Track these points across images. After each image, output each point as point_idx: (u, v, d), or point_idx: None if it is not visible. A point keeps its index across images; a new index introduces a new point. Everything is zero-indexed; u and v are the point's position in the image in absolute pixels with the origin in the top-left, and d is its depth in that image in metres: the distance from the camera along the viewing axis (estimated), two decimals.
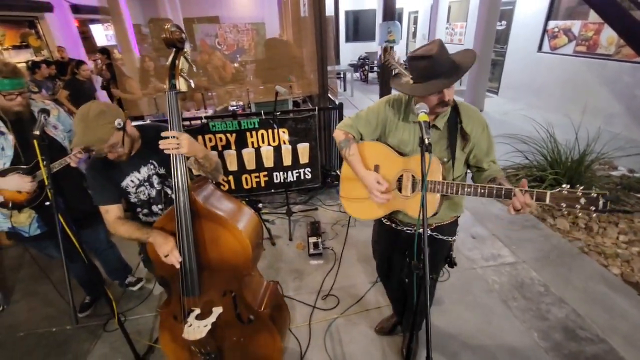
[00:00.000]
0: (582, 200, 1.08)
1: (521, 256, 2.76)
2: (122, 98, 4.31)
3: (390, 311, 2.21)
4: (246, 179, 3.63)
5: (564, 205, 1.11)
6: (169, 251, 1.33)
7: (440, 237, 1.58)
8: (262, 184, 3.68)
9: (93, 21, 8.78)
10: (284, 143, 3.53)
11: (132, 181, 1.53)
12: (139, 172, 1.53)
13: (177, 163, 1.26)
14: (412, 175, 1.41)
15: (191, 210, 1.31)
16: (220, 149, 3.45)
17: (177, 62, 1.25)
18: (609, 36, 5.28)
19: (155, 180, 1.57)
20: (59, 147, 1.85)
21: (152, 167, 1.55)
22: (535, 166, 3.66)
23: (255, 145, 3.51)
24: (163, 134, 1.23)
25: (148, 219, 1.63)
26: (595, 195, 1.07)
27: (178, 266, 1.36)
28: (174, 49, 1.25)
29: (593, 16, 5.55)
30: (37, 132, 1.45)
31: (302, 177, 3.75)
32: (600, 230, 3.01)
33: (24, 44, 6.79)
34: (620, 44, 5.09)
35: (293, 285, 2.58)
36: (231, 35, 13.29)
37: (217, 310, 1.48)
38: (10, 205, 1.78)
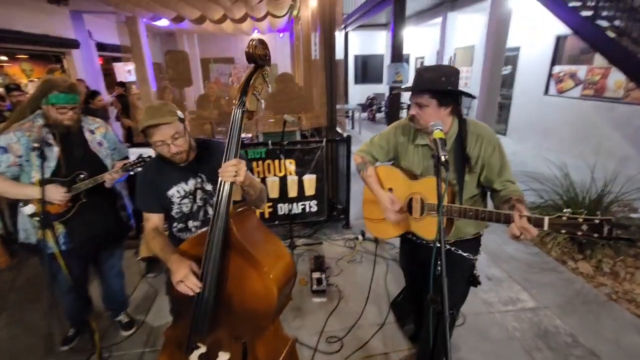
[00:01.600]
0: (584, 227, 1.02)
1: (542, 301, 2.53)
2: (132, 127, 4.39)
3: (397, 358, 1.99)
4: None
5: (563, 231, 1.05)
6: (182, 277, 1.22)
7: (460, 252, 1.51)
8: (266, 215, 3.58)
9: (116, 59, 9.29)
10: (290, 174, 3.48)
11: (178, 191, 1.48)
12: (186, 183, 1.48)
13: (224, 185, 1.18)
14: (421, 198, 1.46)
15: (224, 239, 1.21)
16: None
17: (252, 78, 1.19)
18: (616, 80, 5.33)
19: (199, 195, 1.52)
20: (100, 163, 1.89)
21: (199, 180, 1.50)
22: (551, 205, 3.50)
23: (261, 175, 3.45)
24: (223, 165, 1.16)
25: (181, 234, 1.56)
26: (598, 221, 0.99)
27: (192, 293, 1.23)
28: (254, 65, 1.21)
29: (598, 61, 5.66)
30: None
31: (308, 210, 3.64)
32: (627, 275, 2.78)
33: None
34: (629, 88, 5.11)
35: (294, 324, 2.38)
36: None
37: (224, 357, 1.32)
38: (40, 215, 1.71)
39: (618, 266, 2.88)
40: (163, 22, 8.11)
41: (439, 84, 1.29)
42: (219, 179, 1.17)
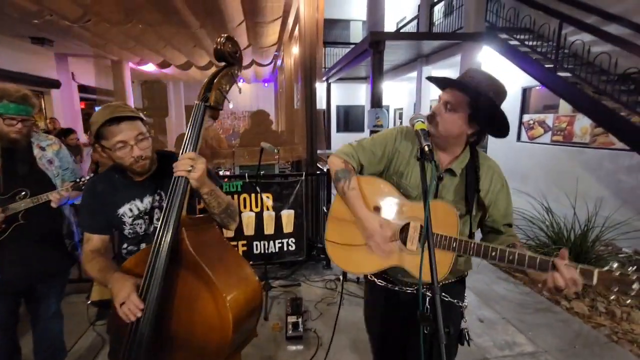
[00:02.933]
0: (636, 286, 0.84)
1: (541, 345, 2.30)
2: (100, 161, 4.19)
3: None
4: None
5: (615, 289, 0.87)
6: (125, 298, 0.99)
7: (449, 299, 1.23)
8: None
9: (97, 101, 9.28)
10: (267, 209, 3.29)
11: (130, 210, 1.26)
12: (141, 201, 1.27)
13: (176, 186, 1.02)
14: (421, 225, 1.11)
15: (174, 250, 1.01)
16: (197, 213, 3.17)
17: (219, 75, 1.10)
18: (582, 126, 5.64)
19: (156, 214, 1.29)
20: (47, 182, 1.67)
21: (157, 198, 1.29)
22: (537, 244, 3.41)
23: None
24: (179, 157, 1.03)
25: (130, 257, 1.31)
26: None
27: (133, 318, 0.99)
28: (223, 63, 1.13)
29: (563, 109, 6.03)
30: None
31: (285, 249, 3.39)
32: (624, 315, 2.61)
33: None
34: (595, 133, 5.39)
35: None
36: (228, 120, 14.16)
37: None
38: None
39: (613, 305, 2.72)
40: (149, 67, 8.32)
41: (486, 92, 1.03)
42: (173, 176, 1.02)
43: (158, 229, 1.01)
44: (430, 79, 1.16)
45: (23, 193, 1.58)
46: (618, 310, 2.66)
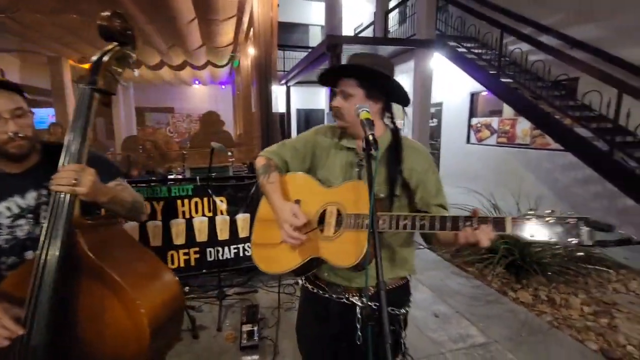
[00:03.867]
0: (558, 229, 0.80)
1: (492, 335, 2.38)
2: None
3: None
4: (172, 256, 3.04)
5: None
6: None
7: (391, 310, 1.14)
8: (192, 263, 3.10)
9: (35, 103, 8.43)
10: (222, 213, 3.13)
11: (8, 208, 1.04)
12: (22, 196, 1.05)
13: (57, 206, 0.87)
14: (337, 209, 1.09)
15: (71, 258, 0.86)
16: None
17: (108, 54, 0.96)
18: (523, 129, 6.10)
19: (43, 212, 1.08)
20: None
21: (44, 192, 1.08)
22: None
23: (187, 216, 3.05)
24: (59, 169, 0.87)
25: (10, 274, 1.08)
26: (573, 222, 0.79)
27: (4, 343, 0.83)
28: (112, 42, 0.99)
29: (507, 113, 6.48)
30: None
31: (241, 254, 3.24)
32: (562, 302, 2.80)
33: None
34: (534, 135, 5.85)
35: None
36: (184, 124, 13.57)
37: None
38: None
39: (553, 293, 2.91)
40: None
41: (369, 68, 1.06)
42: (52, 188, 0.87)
43: (42, 237, 0.87)
44: (321, 80, 1.19)
45: None
46: (557, 297, 2.85)
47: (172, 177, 3.22)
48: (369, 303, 1.08)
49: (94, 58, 0.97)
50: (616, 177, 3.79)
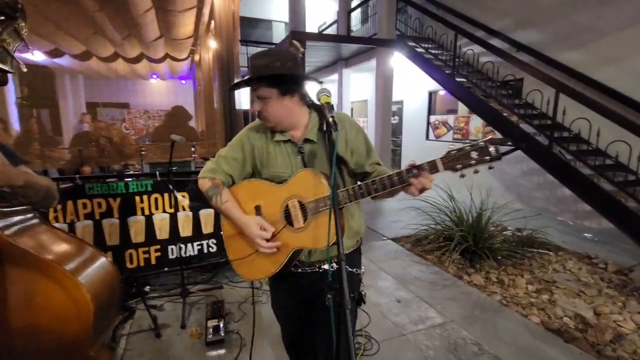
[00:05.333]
0: (475, 154, 0.99)
1: (448, 316, 2.55)
2: None
3: None
4: (131, 255, 2.91)
5: (459, 166, 1.00)
6: None
7: (349, 269, 1.26)
8: (153, 261, 2.98)
9: None
10: (183, 209, 3.05)
11: None
12: None
13: None
14: (299, 201, 1.15)
15: None
16: (97, 217, 2.78)
17: None
18: (476, 126, 6.51)
19: None
20: None
21: None
22: (443, 229, 3.80)
23: (147, 213, 2.94)
24: None
25: None
26: (483, 144, 0.99)
27: None
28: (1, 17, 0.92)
29: (461, 111, 6.88)
30: None
31: (206, 250, 3.18)
32: (510, 282, 3.06)
33: None
34: (485, 131, 6.26)
35: None
36: (141, 120, 12.85)
37: None
38: None
39: (502, 275, 3.17)
40: (37, 56, 7.07)
41: (272, 69, 1.10)
42: None
43: None
44: (232, 88, 1.30)
45: None
46: (506, 278, 3.10)
47: (129, 173, 3.07)
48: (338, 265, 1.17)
49: None
50: (555, 169, 4.18)
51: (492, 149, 0.97)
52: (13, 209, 0.96)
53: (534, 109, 4.99)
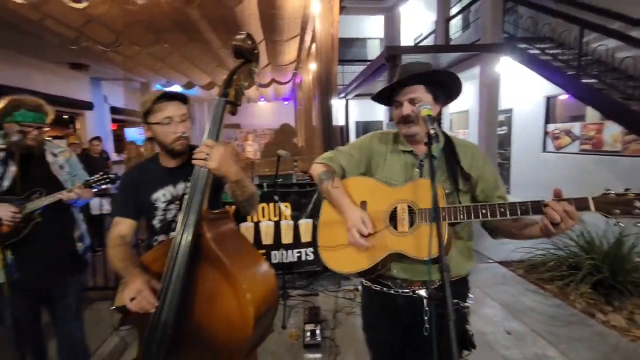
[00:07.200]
0: (638, 204, 0.83)
1: (575, 359, 2.14)
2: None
3: None
4: None
5: (617, 211, 0.85)
6: (135, 293, 1.03)
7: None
8: None
9: (126, 123, 9.79)
10: (285, 218, 3.32)
11: (164, 195, 1.31)
12: (174, 186, 1.32)
13: (197, 176, 1.07)
14: (409, 206, 1.13)
15: (195, 244, 1.03)
16: None
17: (237, 71, 1.17)
18: (612, 134, 5.40)
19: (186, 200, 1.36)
20: (59, 186, 1.76)
21: (189, 184, 1.34)
22: (568, 254, 3.24)
23: (255, 220, 3.29)
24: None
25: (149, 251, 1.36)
26: None
27: (149, 308, 1.03)
28: (241, 60, 1.18)
29: (590, 117, 5.81)
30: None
31: (304, 258, 3.38)
32: None
33: (61, 137, 7.47)
34: (626, 140, 5.15)
35: None
36: (255, 145, 14.43)
37: None
38: None
39: None
40: (175, 88, 8.75)
41: (438, 75, 1.14)
42: (193, 162, 1.08)
43: (179, 221, 1.05)
44: (378, 96, 1.25)
45: (38, 193, 1.67)
46: None
47: None
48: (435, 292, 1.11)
49: (227, 75, 1.16)
50: None
51: None
52: (219, 215, 1.17)
53: None
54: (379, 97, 1.25)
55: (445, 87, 1.18)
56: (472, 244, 1.26)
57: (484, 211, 1.01)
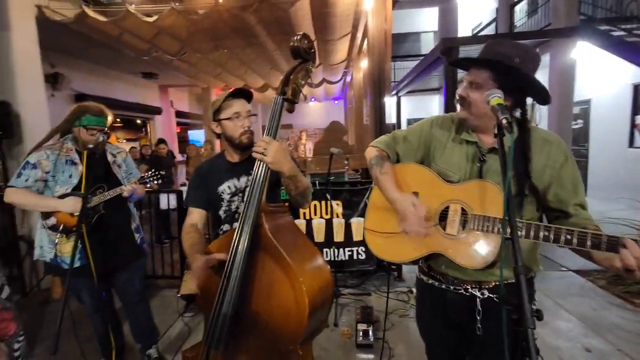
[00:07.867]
0: None
1: None
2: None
3: None
4: None
5: None
6: (201, 264, 1.14)
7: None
8: None
9: (189, 125, 10.58)
10: (337, 216, 3.31)
11: (229, 187, 1.42)
12: (238, 179, 1.42)
13: (258, 172, 1.13)
14: (462, 208, 1.04)
15: (254, 235, 1.08)
16: None
17: (295, 70, 1.21)
18: None
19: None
20: (118, 182, 1.98)
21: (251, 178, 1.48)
22: None
23: (307, 217, 3.34)
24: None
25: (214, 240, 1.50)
26: None
27: (223, 258, 1.12)
28: (299, 60, 1.22)
29: None
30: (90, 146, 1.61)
31: (355, 257, 3.35)
32: None
33: (135, 140, 8.33)
34: None
35: None
36: (308, 145, 14.73)
37: None
38: (61, 228, 1.82)
39: None
40: None
41: (509, 60, 0.97)
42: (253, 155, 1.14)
43: (242, 212, 1.10)
44: (453, 63, 1.13)
45: (101, 189, 1.88)
46: None
47: None
48: (490, 295, 1.05)
49: (284, 74, 1.20)
50: None
51: None
52: (277, 208, 1.21)
53: None
54: (459, 64, 1.12)
55: (518, 82, 1.01)
56: (536, 249, 1.11)
57: (546, 233, 0.89)
